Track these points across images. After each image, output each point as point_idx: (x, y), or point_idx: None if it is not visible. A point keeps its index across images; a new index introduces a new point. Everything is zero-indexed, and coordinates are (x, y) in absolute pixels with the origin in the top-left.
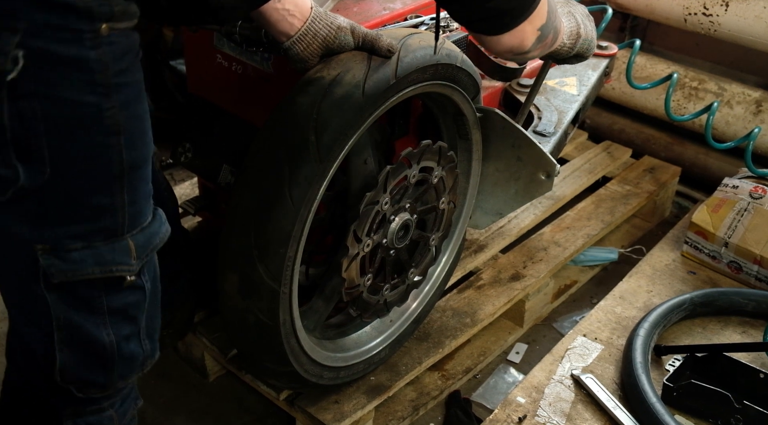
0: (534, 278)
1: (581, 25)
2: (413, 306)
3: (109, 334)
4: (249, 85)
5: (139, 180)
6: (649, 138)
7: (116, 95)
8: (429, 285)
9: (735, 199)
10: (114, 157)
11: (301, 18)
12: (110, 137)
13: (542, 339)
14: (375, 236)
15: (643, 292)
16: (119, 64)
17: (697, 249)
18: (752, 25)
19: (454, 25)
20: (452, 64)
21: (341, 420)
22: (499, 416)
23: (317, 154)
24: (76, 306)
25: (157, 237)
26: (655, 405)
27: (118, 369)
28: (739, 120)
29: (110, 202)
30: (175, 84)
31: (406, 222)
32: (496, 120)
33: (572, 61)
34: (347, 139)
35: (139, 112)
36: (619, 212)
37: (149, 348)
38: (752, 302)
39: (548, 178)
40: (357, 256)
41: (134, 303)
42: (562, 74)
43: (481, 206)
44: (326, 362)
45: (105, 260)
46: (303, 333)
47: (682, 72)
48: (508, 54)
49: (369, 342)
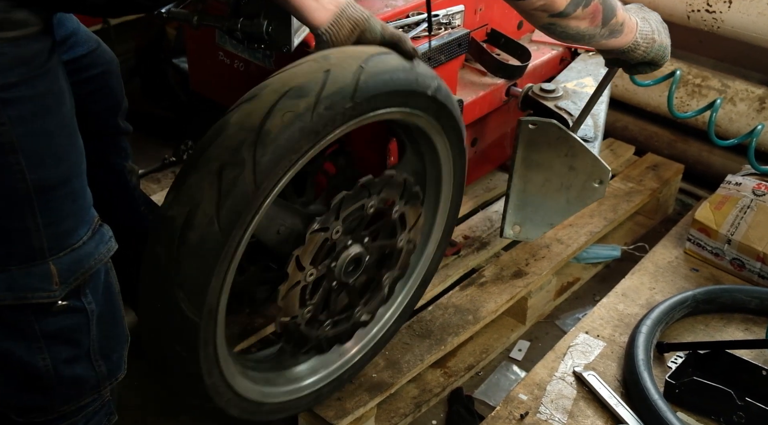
0: (536, 275)
1: (656, 31)
2: (354, 349)
3: (45, 359)
4: (251, 82)
5: (60, 199)
6: (652, 135)
7: (5, 111)
8: (377, 327)
9: (738, 196)
10: (15, 177)
11: (335, 5)
12: (4, 156)
13: (545, 337)
14: (320, 266)
15: (645, 289)
16: (5, 78)
17: (700, 246)
18: (755, 21)
19: (456, 22)
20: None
21: (343, 416)
22: (501, 413)
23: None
24: (3, 332)
25: (92, 259)
26: (657, 402)
27: (59, 393)
28: (743, 117)
29: (20, 225)
30: (178, 82)
31: (358, 256)
32: (551, 131)
33: (645, 69)
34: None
35: (46, 129)
36: (622, 209)
37: (105, 369)
38: (755, 299)
39: (601, 185)
40: (297, 285)
41: (73, 327)
42: (578, 75)
43: (531, 218)
44: (254, 397)
45: (18, 285)
46: (229, 364)
47: (685, 69)
48: (542, 14)
49: (305, 378)
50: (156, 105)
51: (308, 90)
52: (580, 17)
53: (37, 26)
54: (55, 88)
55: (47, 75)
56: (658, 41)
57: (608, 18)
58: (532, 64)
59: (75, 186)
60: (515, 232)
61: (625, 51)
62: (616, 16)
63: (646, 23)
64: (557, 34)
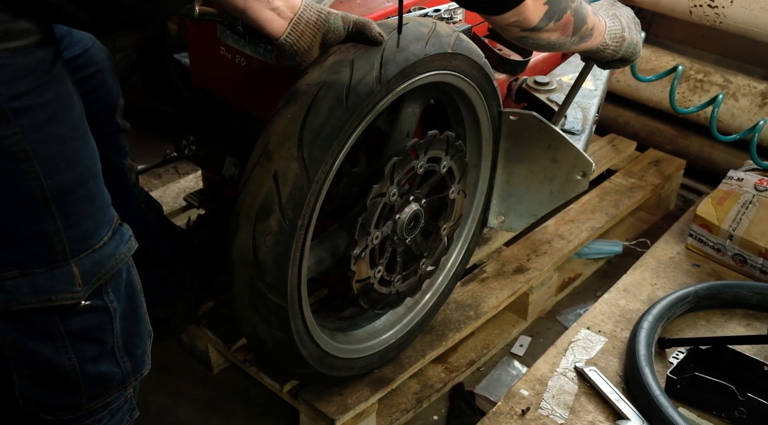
0: (538, 271)
1: (626, 29)
2: (427, 296)
3: (71, 358)
4: (252, 77)
5: (78, 202)
6: (654, 130)
7: (17, 120)
8: (442, 275)
9: (740, 191)
10: (31, 184)
11: (291, 11)
12: (20, 164)
13: (546, 332)
14: (384, 228)
15: (647, 285)
16: (15, 88)
17: (702, 241)
18: (758, 16)
19: (458, 17)
20: (445, 52)
21: (345, 412)
22: (502, 408)
23: (305, 174)
24: (29, 333)
25: (113, 259)
26: (658, 398)
27: (86, 391)
28: (745, 112)
29: (39, 229)
30: (180, 77)
31: (416, 213)
32: (532, 123)
33: (617, 65)
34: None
35: (58, 134)
36: (623, 205)
37: (130, 366)
38: (757, 295)
39: (584, 177)
40: (366, 249)
41: (96, 325)
42: (575, 70)
43: (515, 209)
44: (345, 355)
45: (42, 288)
46: (321, 336)
47: (687, 64)
48: (514, 29)
49: (384, 332)
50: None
51: (339, 83)
52: (552, 30)
53: (39, 34)
54: (63, 92)
55: (54, 81)
56: (628, 39)
57: (579, 27)
58: (534, 59)
59: (91, 188)
60: (499, 222)
61: (595, 52)
62: (587, 23)
63: (616, 21)
64: (529, 45)
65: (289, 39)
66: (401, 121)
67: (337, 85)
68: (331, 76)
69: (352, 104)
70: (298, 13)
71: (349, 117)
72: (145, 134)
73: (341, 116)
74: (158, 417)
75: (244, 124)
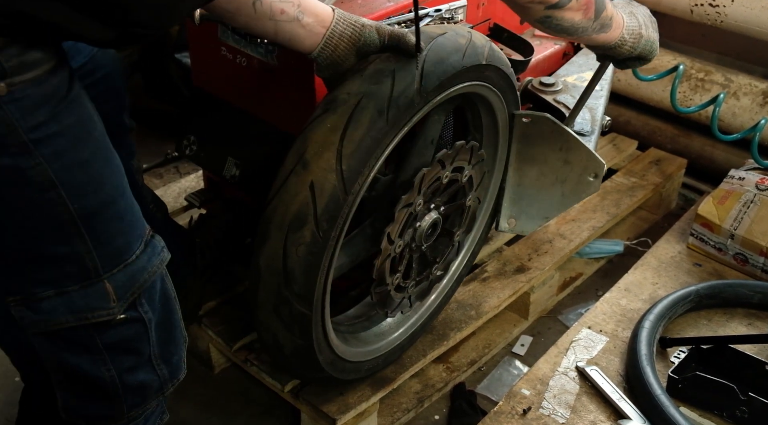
0: (539, 270)
1: (643, 26)
2: (432, 298)
3: (110, 370)
4: (254, 77)
5: (108, 222)
6: (655, 130)
7: (39, 150)
8: (447, 277)
9: (741, 190)
10: (59, 209)
11: (323, 26)
12: (45, 192)
13: (547, 332)
14: (405, 236)
15: (648, 284)
16: (34, 119)
17: (703, 241)
18: (759, 15)
19: (459, 17)
20: (480, 64)
21: (346, 412)
22: (503, 408)
23: (343, 186)
24: (67, 348)
25: (146, 272)
26: (660, 397)
27: (126, 400)
28: (746, 111)
29: (69, 250)
30: (181, 77)
31: (435, 221)
32: (545, 125)
33: (634, 64)
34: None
35: (81, 158)
36: (624, 204)
37: (167, 372)
38: (758, 294)
39: (596, 178)
40: (388, 257)
41: (133, 337)
42: (579, 69)
43: (527, 211)
44: (355, 359)
45: (78, 307)
46: (336, 341)
47: (688, 63)
48: (539, 7)
49: (390, 334)
50: (158, 100)
51: (381, 95)
52: (575, 8)
53: (52, 61)
54: (83, 115)
55: (72, 105)
56: (645, 36)
57: (600, 10)
58: (535, 59)
59: (120, 205)
60: (510, 225)
61: (612, 47)
62: (606, 9)
63: (633, 18)
64: (552, 27)
65: (324, 53)
66: (426, 128)
67: (378, 96)
68: (372, 86)
69: (393, 117)
70: (331, 28)
71: (389, 130)
72: (146, 134)
73: (381, 129)
74: None
75: (245, 124)
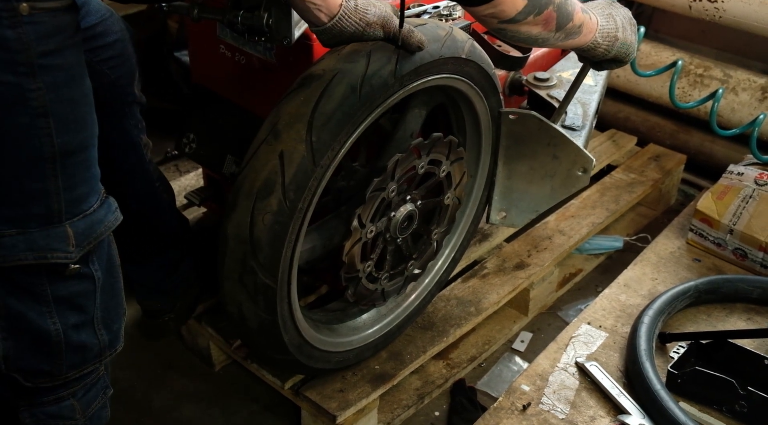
0: (539, 267)
1: (620, 28)
2: (409, 300)
3: (55, 323)
4: (252, 75)
5: (78, 165)
6: (654, 126)
7: (42, 76)
8: (427, 280)
9: (740, 185)
10: (43, 140)
11: (328, 14)
12: (37, 119)
13: (547, 328)
14: (378, 223)
15: (647, 280)
16: (45, 45)
17: (702, 236)
18: (757, 11)
19: (457, 14)
20: (458, 57)
21: (346, 408)
22: (503, 404)
23: (312, 157)
24: (17, 294)
25: (102, 226)
26: (659, 392)
27: (66, 358)
28: (745, 106)
29: (42, 187)
30: (180, 75)
31: (411, 213)
32: (532, 122)
33: (610, 66)
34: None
35: (72, 96)
36: (624, 200)
37: (107, 339)
38: (757, 289)
39: (585, 173)
40: (359, 241)
41: (82, 292)
42: (574, 65)
43: (517, 205)
44: (323, 347)
45: (38, 246)
46: (304, 324)
47: (687, 59)
48: (492, 21)
49: (364, 330)
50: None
51: (355, 72)
52: (532, 23)
53: (68, 0)
54: (81, 61)
55: (75, 47)
56: (621, 39)
57: (563, 23)
58: (533, 55)
59: (90, 154)
60: (501, 218)
61: (585, 50)
62: (573, 20)
63: (611, 21)
64: (508, 38)
65: (322, 38)
66: (407, 120)
67: (352, 73)
68: (347, 64)
69: (366, 94)
70: (333, 21)
71: (361, 106)
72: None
73: (353, 104)
74: (160, 413)
75: (244, 121)
